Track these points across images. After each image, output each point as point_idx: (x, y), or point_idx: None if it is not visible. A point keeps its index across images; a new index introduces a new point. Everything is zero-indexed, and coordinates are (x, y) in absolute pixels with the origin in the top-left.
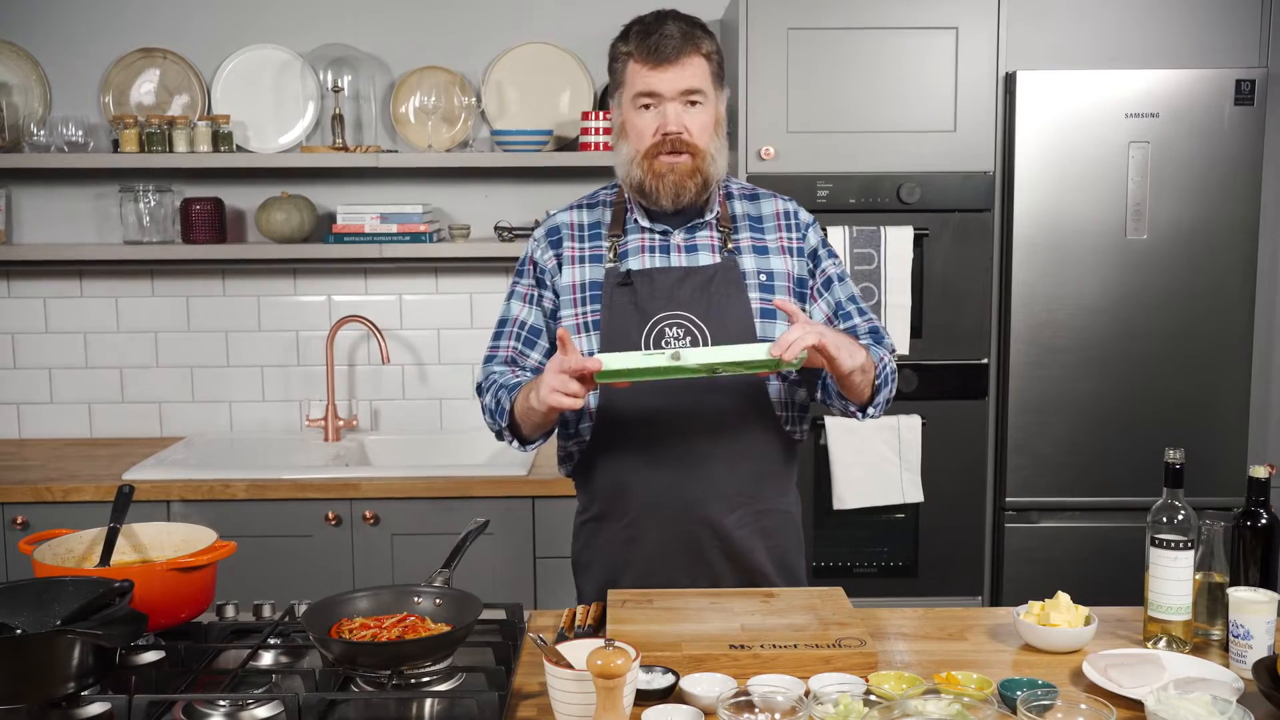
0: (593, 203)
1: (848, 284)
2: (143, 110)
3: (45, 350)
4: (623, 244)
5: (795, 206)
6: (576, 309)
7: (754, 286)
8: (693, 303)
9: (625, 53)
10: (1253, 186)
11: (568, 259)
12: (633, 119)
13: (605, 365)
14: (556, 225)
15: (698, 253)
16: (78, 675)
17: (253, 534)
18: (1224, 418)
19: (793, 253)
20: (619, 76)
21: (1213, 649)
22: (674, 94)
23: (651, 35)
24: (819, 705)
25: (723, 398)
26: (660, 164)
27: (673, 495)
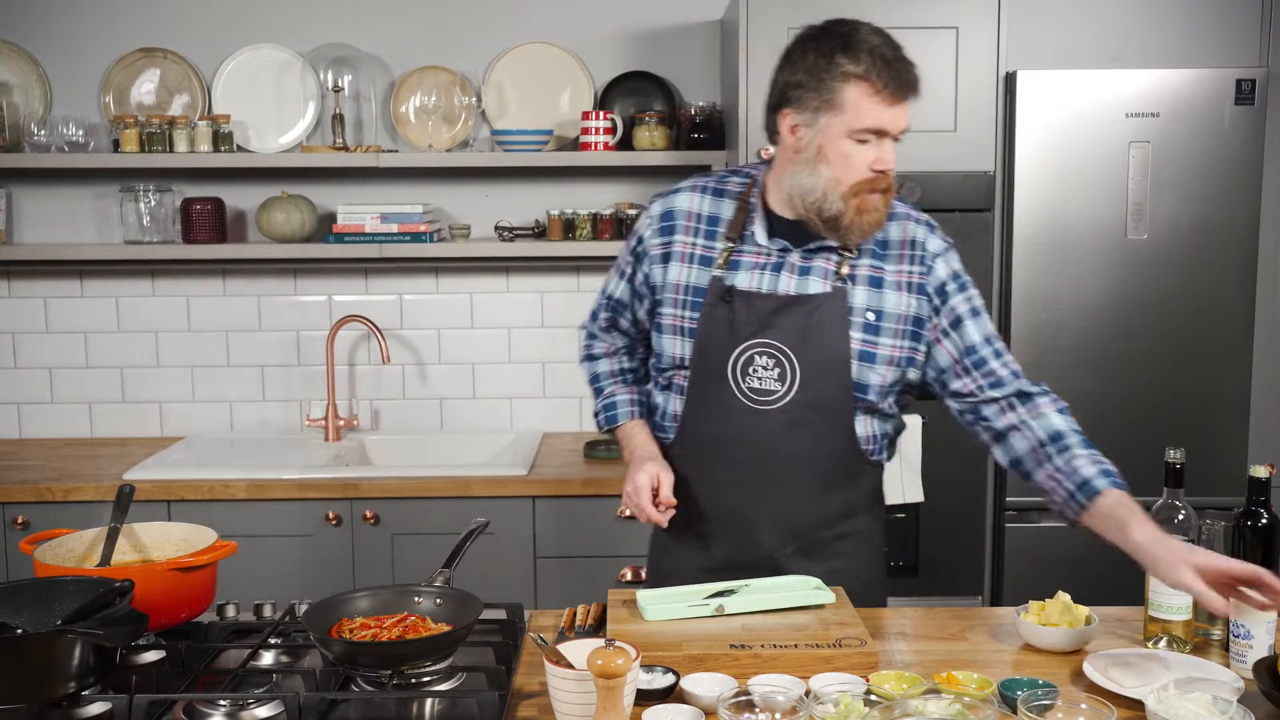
0: (720, 190)
1: (983, 321)
2: (143, 110)
3: (46, 350)
4: (736, 253)
5: (926, 233)
6: (676, 310)
7: (859, 325)
8: (789, 333)
9: (854, 75)
10: (1253, 186)
11: (677, 254)
12: (844, 147)
13: (648, 614)
14: (673, 210)
15: (809, 277)
16: (78, 675)
17: (253, 534)
18: (1224, 417)
19: (912, 289)
20: (834, 96)
21: (1213, 649)
22: (897, 131)
23: (892, 65)
24: (819, 705)
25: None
26: (868, 201)
27: (740, 515)
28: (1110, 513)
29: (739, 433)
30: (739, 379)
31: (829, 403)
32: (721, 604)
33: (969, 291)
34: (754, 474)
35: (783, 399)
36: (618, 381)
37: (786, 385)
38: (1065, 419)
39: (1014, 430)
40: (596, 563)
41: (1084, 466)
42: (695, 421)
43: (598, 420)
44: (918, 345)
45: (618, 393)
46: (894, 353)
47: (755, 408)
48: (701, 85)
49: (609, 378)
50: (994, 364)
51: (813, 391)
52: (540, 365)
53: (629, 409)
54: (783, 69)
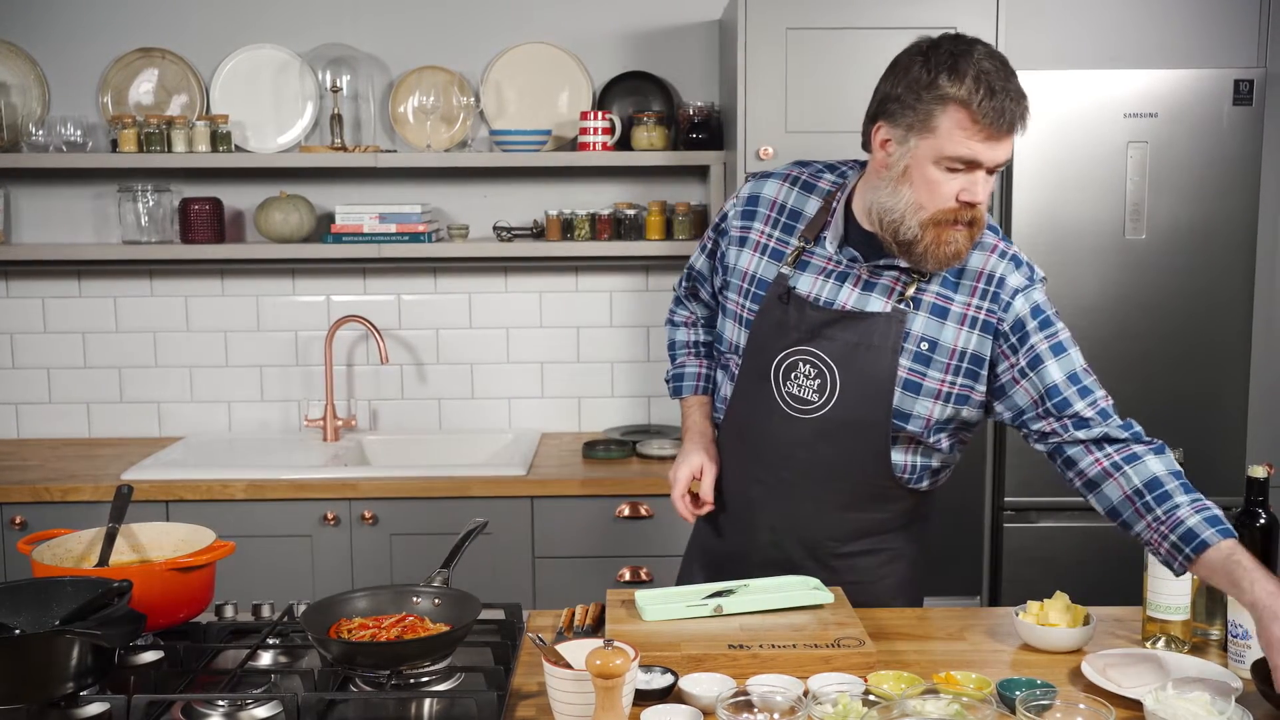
0: (810, 185)
1: (1069, 358)
2: (141, 110)
3: (44, 350)
4: (807, 254)
5: (1008, 269)
6: (739, 298)
7: (910, 353)
8: (837, 347)
9: (954, 99)
10: (1251, 186)
11: (752, 241)
12: (932, 174)
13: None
14: (760, 195)
15: (871, 294)
16: (76, 675)
17: (251, 534)
18: (1223, 417)
19: (977, 325)
20: (930, 119)
21: (1211, 649)
22: (992, 165)
23: (997, 96)
24: (818, 705)
25: (839, 448)
26: (951, 234)
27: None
28: (1221, 567)
29: (771, 435)
30: (780, 382)
31: (865, 424)
32: (720, 604)
33: (1053, 328)
34: (777, 478)
35: (819, 411)
36: (690, 353)
37: (825, 398)
38: (1161, 461)
39: (1107, 478)
40: (595, 563)
41: (1187, 517)
42: (738, 413)
43: (668, 385)
44: (973, 384)
45: (688, 364)
46: (942, 387)
47: (791, 414)
48: (700, 85)
49: (683, 347)
50: (1078, 405)
51: (850, 410)
52: (539, 365)
53: (694, 383)
54: (886, 78)
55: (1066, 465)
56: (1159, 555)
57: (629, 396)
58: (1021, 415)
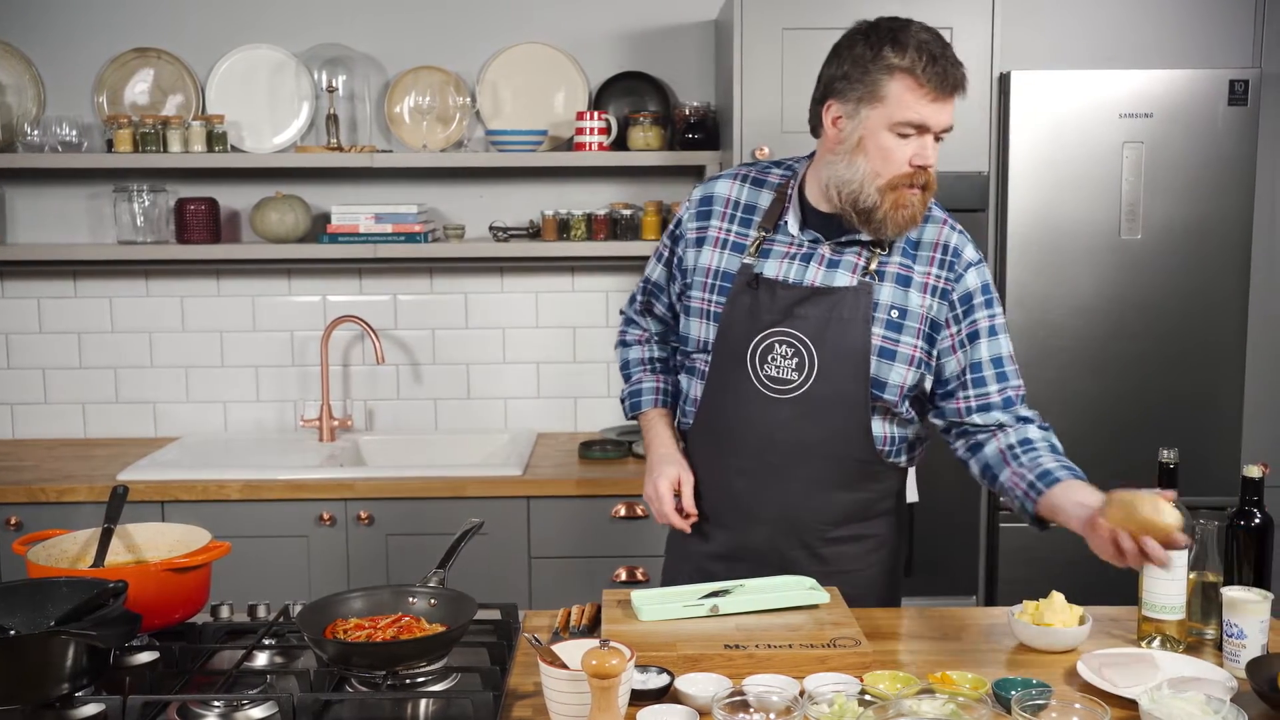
0: (759, 180)
1: (999, 340)
2: (137, 110)
3: (39, 350)
4: (769, 241)
5: (961, 241)
6: (704, 294)
7: (881, 321)
8: (810, 324)
9: (899, 68)
10: (1246, 186)
11: (711, 239)
12: (885, 141)
13: (642, 614)
14: (712, 195)
15: (837, 270)
16: (72, 676)
17: (247, 534)
18: (1218, 417)
19: (936, 293)
20: (876, 88)
21: (1206, 648)
22: (939, 128)
23: (939, 61)
24: (814, 705)
25: (821, 424)
26: (905, 196)
27: (745, 504)
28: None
29: (752, 420)
30: (757, 366)
31: (845, 397)
32: (716, 604)
33: (994, 309)
34: (761, 464)
35: (799, 389)
36: (645, 369)
37: (803, 375)
38: (1041, 431)
39: (991, 439)
40: (591, 563)
41: (1048, 463)
42: (712, 407)
43: (623, 406)
44: (931, 349)
45: (644, 380)
46: (914, 353)
47: (771, 396)
48: (696, 85)
49: (638, 365)
50: (991, 386)
51: (829, 384)
52: (535, 365)
53: (653, 397)
54: (830, 63)
55: (959, 436)
56: (1016, 498)
57: None
58: (945, 384)
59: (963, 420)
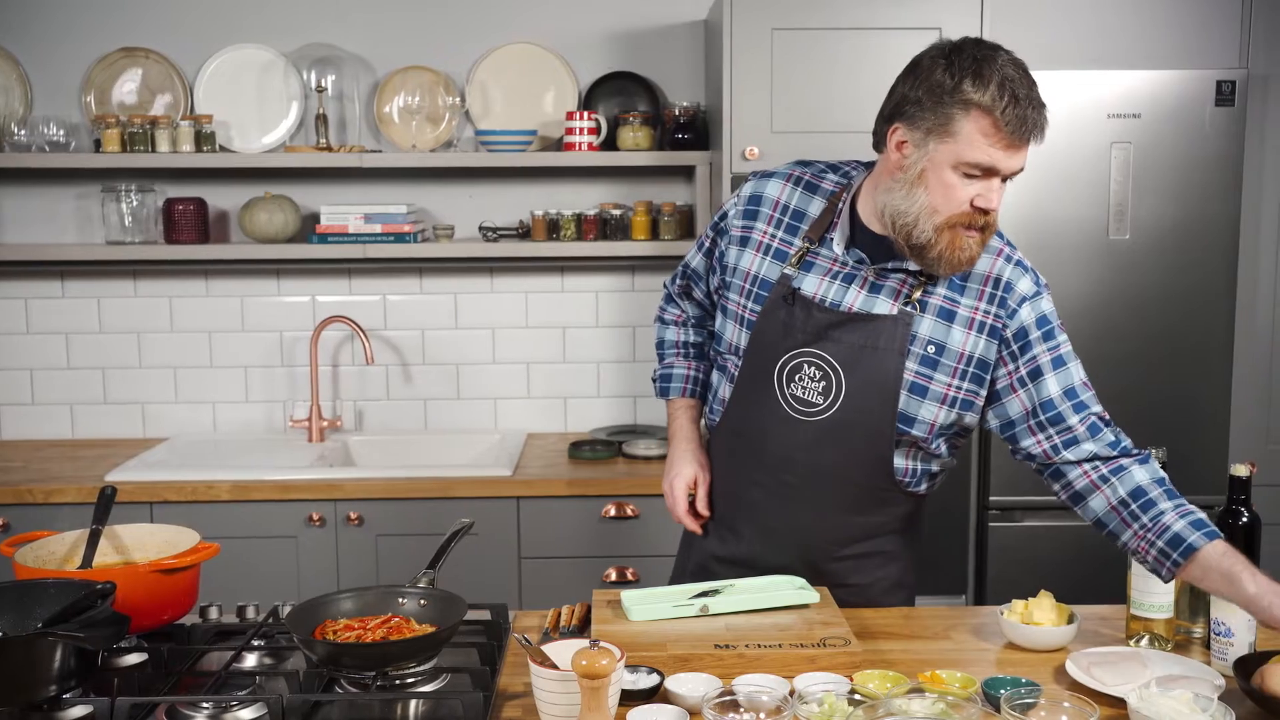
0: (814, 186)
1: (1069, 371)
2: (125, 110)
3: (26, 351)
4: (812, 254)
5: (1016, 274)
6: (741, 299)
7: (916, 356)
8: (842, 349)
9: (978, 105)
10: (1233, 187)
11: (755, 241)
12: (949, 179)
13: (632, 614)
14: (762, 195)
15: (878, 296)
16: (59, 678)
17: (236, 535)
18: (1206, 416)
19: (984, 330)
20: (951, 123)
21: (1194, 647)
22: (1009, 173)
23: (1020, 104)
24: (804, 705)
25: (842, 451)
26: (964, 239)
27: (756, 517)
28: (1215, 567)
29: (773, 437)
30: (784, 384)
31: (869, 427)
32: (706, 604)
33: (1056, 340)
34: (778, 481)
35: (823, 413)
36: (679, 353)
37: (829, 400)
38: (1145, 470)
39: (1094, 490)
40: (581, 563)
41: (1172, 523)
42: (737, 415)
43: (654, 383)
44: (978, 389)
45: (676, 365)
46: (948, 391)
47: (794, 416)
48: (685, 86)
49: (672, 347)
50: (1071, 420)
51: (854, 413)
52: (525, 366)
53: (682, 384)
54: (906, 79)
55: (1054, 478)
56: (1147, 563)
57: (615, 397)
58: (1012, 426)
59: (1052, 460)
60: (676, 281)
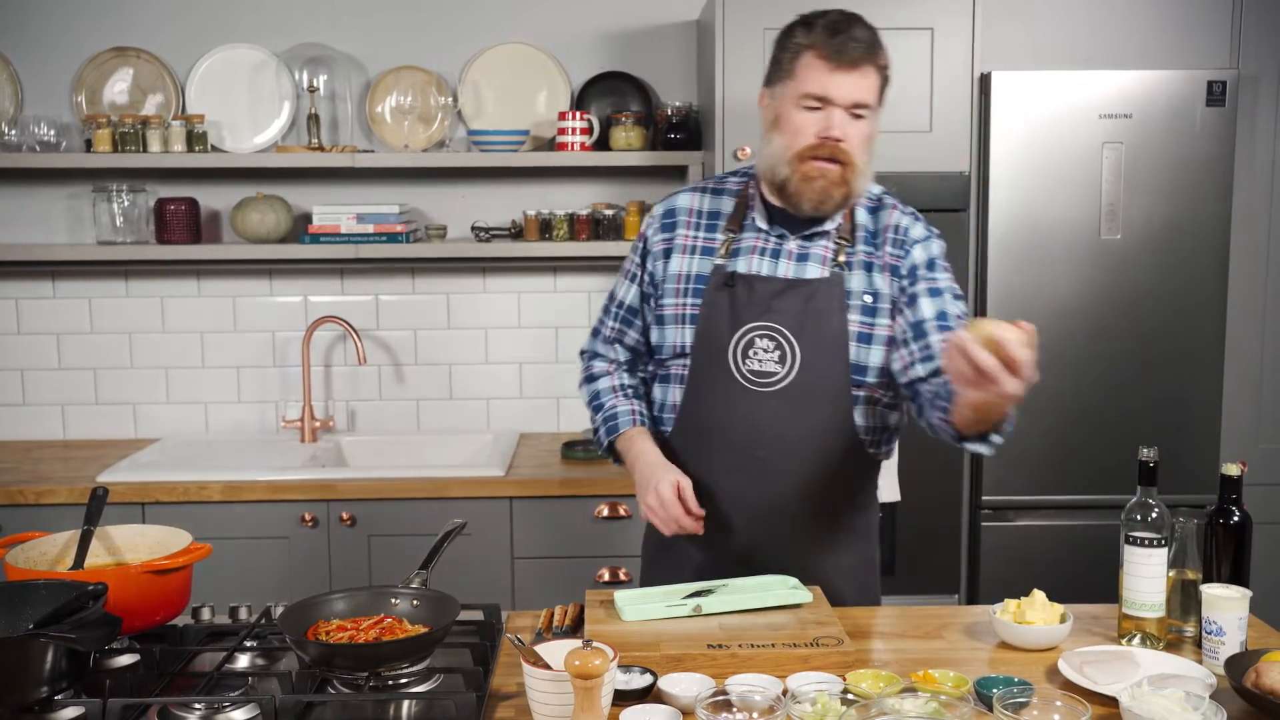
0: (718, 189)
1: (942, 300)
2: (116, 110)
3: (17, 351)
4: (737, 241)
5: (910, 222)
6: (678, 299)
7: (856, 308)
8: (788, 316)
9: (804, 45)
10: (1224, 187)
11: (679, 247)
12: (793, 115)
13: (625, 614)
14: (675, 208)
15: (808, 263)
16: (51, 679)
17: (229, 536)
18: (1197, 415)
19: (894, 271)
20: (788, 66)
21: (1186, 645)
22: (846, 102)
23: (838, 34)
24: (797, 704)
25: (806, 415)
26: (812, 168)
27: (737, 501)
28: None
29: (737, 416)
30: (739, 361)
31: (828, 385)
32: (699, 604)
33: (936, 274)
34: (751, 458)
35: (782, 381)
36: (618, 396)
37: (786, 367)
38: None
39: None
40: (574, 563)
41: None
42: (694, 408)
43: (598, 436)
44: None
45: (618, 405)
46: (889, 333)
47: (755, 390)
48: (678, 86)
49: (609, 393)
50: (933, 338)
51: (812, 373)
52: (517, 366)
53: (630, 418)
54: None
55: (910, 396)
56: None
57: None
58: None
59: (910, 376)
60: (602, 331)
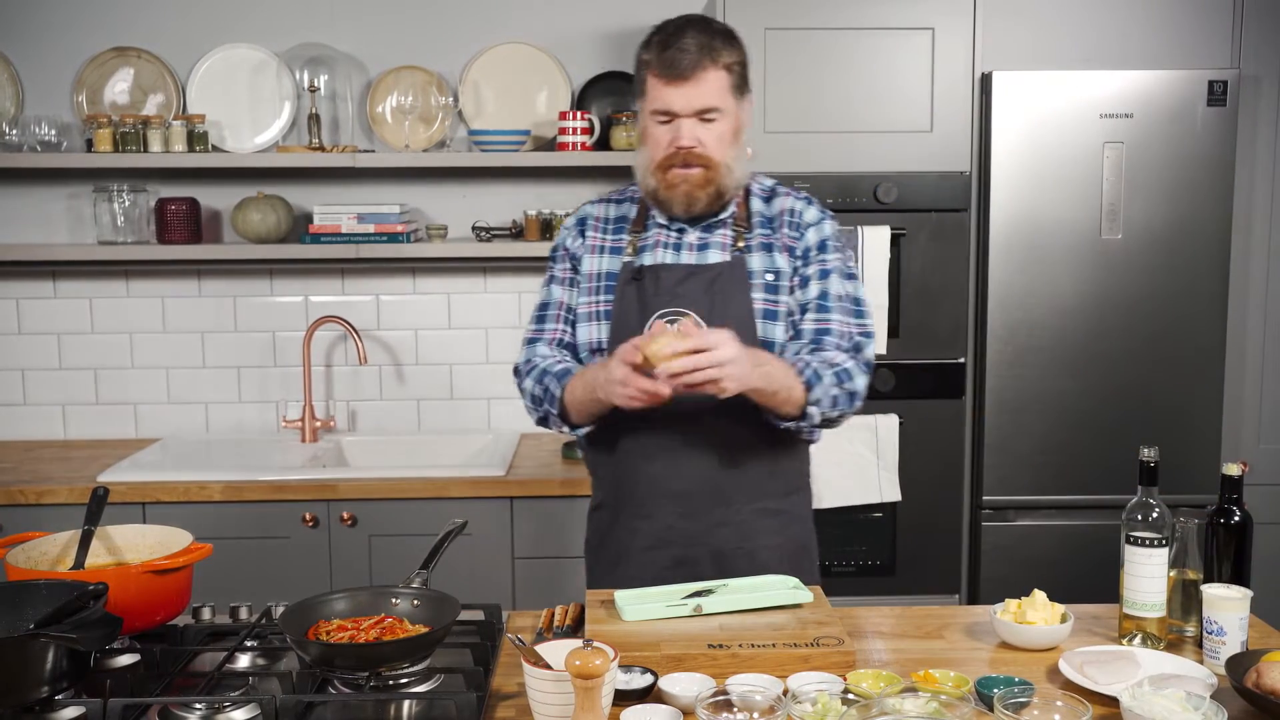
0: (620, 198)
1: (829, 283)
2: (117, 110)
3: (18, 351)
4: (642, 239)
5: (803, 205)
6: (591, 297)
7: (759, 286)
8: (696, 299)
9: (645, 61)
10: (1225, 187)
11: (590, 249)
12: (650, 129)
13: (626, 614)
14: (585, 216)
15: (709, 250)
16: (51, 680)
17: (229, 536)
18: (1198, 416)
19: (792, 253)
20: (639, 85)
21: (1187, 645)
22: (688, 112)
23: (668, 49)
24: (797, 704)
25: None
26: (674, 175)
27: (678, 487)
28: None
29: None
30: None
31: None
32: (699, 604)
33: (827, 255)
34: (675, 437)
35: None
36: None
37: None
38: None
39: None
40: (574, 563)
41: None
42: None
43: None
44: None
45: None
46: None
47: None
48: None
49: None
50: (807, 318)
51: None
52: None
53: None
54: None
55: None
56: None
57: None
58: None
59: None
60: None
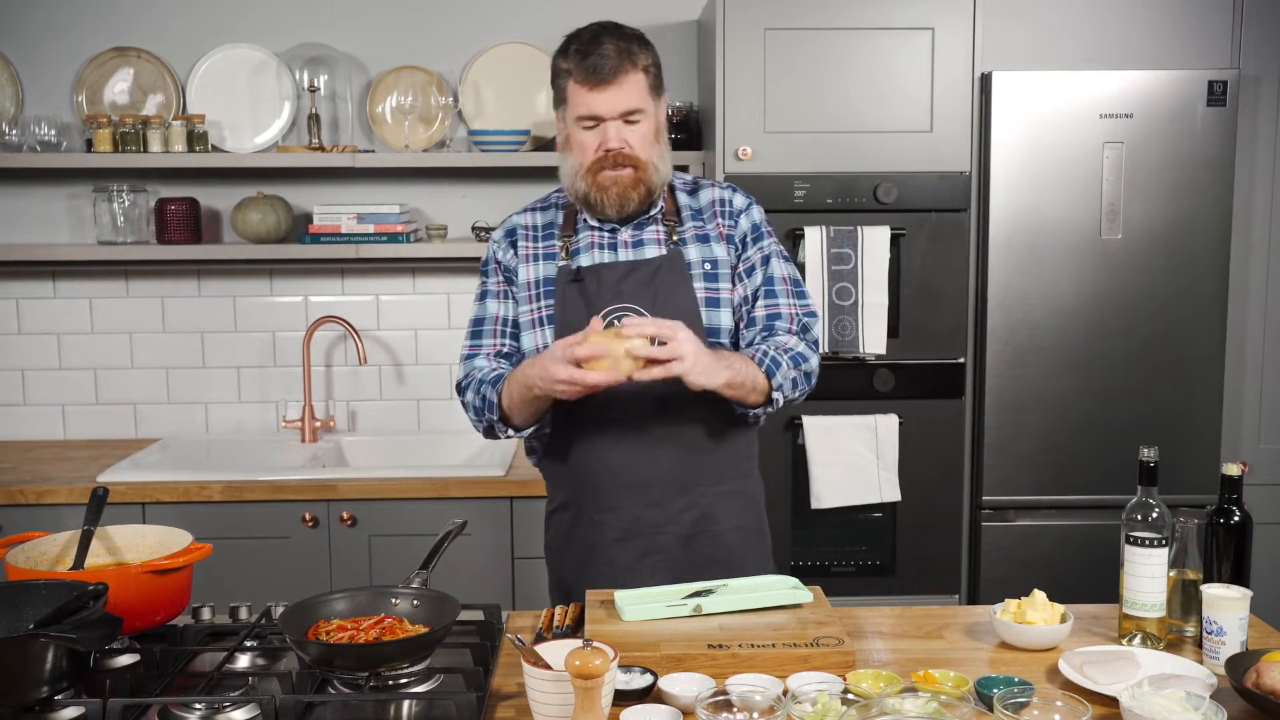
0: (545, 206)
1: (771, 267)
2: (116, 110)
3: (18, 351)
4: (574, 243)
5: (730, 194)
6: (532, 304)
7: (699, 276)
8: (639, 294)
9: (565, 70)
10: (1225, 187)
11: (523, 258)
12: (576, 135)
13: (625, 614)
14: (513, 227)
15: (644, 247)
16: (51, 680)
17: (229, 536)
18: (1197, 416)
19: (729, 240)
20: (561, 93)
21: (1186, 645)
22: (613, 115)
23: (589, 56)
24: (797, 704)
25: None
26: (604, 178)
27: (641, 477)
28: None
29: (610, 395)
30: None
31: None
32: (699, 604)
33: (762, 240)
34: (633, 428)
35: None
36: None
37: None
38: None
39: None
40: None
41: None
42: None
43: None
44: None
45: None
46: (733, 295)
47: None
48: (678, 86)
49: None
50: (757, 305)
51: None
52: None
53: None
54: None
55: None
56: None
57: None
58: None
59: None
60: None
